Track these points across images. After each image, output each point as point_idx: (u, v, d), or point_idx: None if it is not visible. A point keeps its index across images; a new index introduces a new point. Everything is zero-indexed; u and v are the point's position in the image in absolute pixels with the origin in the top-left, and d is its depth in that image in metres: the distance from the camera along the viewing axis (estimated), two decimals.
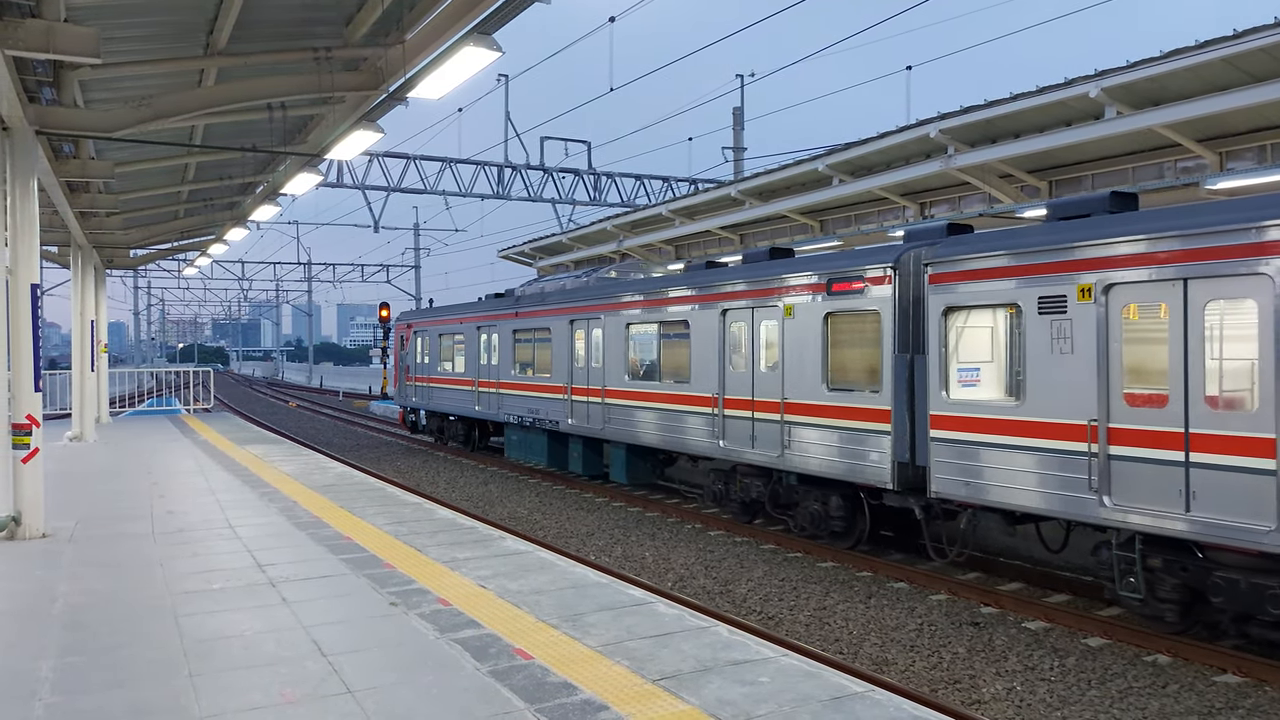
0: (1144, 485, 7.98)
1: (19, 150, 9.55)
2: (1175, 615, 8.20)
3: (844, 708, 4.94)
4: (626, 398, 15.58)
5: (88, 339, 21.01)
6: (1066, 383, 8.64)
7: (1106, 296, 8.37)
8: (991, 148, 15.41)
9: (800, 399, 11.85)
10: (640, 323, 15.36)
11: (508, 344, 19.94)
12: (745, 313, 12.89)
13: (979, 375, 9.91)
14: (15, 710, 4.91)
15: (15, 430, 9.39)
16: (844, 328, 11.41)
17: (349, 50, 10.51)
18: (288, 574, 7.88)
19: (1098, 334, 8.41)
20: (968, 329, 9.94)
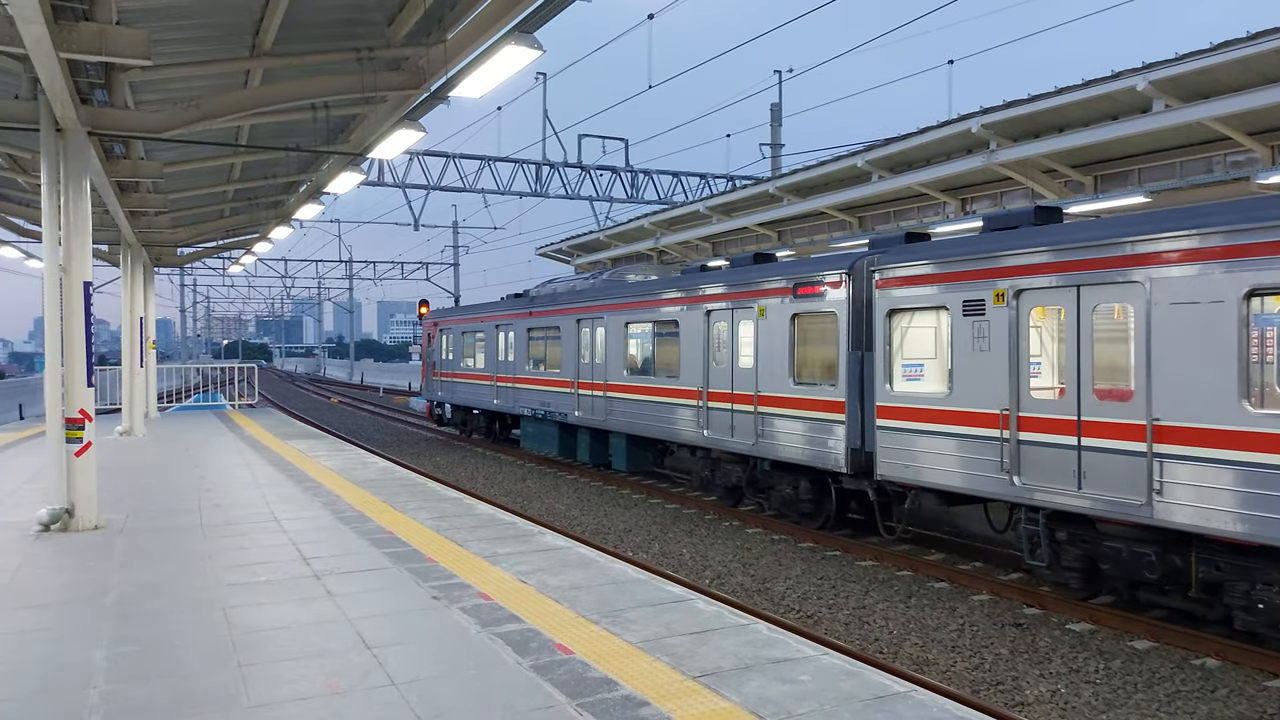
0: (1046, 466, 9.06)
1: (72, 151, 9.76)
2: (1079, 582, 9.27)
3: (886, 707, 4.92)
4: (626, 391, 16.73)
5: (137, 336, 21.46)
6: (985, 376, 9.72)
7: (1017, 301, 9.44)
8: (1035, 142, 15.20)
9: (771, 392, 12.95)
10: (637, 322, 16.57)
11: (523, 341, 21.18)
12: (726, 313, 14.00)
13: (918, 370, 10.99)
14: (71, 698, 5.04)
15: (69, 425, 9.62)
16: (807, 328, 12.56)
17: (391, 50, 10.63)
18: (332, 567, 8.00)
19: (1009, 334, 9.49)
20: (909, 329, 11.03)
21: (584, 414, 18.22)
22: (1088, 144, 14.26)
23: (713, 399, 14.20)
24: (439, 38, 9.91)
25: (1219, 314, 7.64)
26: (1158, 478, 8.03)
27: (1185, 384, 7.90)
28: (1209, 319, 7.71)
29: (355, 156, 14.14)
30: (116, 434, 19.48)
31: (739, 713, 4.84)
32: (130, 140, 12.87)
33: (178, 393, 41.13)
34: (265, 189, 19.50)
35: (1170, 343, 8.02)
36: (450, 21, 9.62)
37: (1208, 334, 7.73)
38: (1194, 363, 7.82)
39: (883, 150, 18.27)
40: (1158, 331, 8.11)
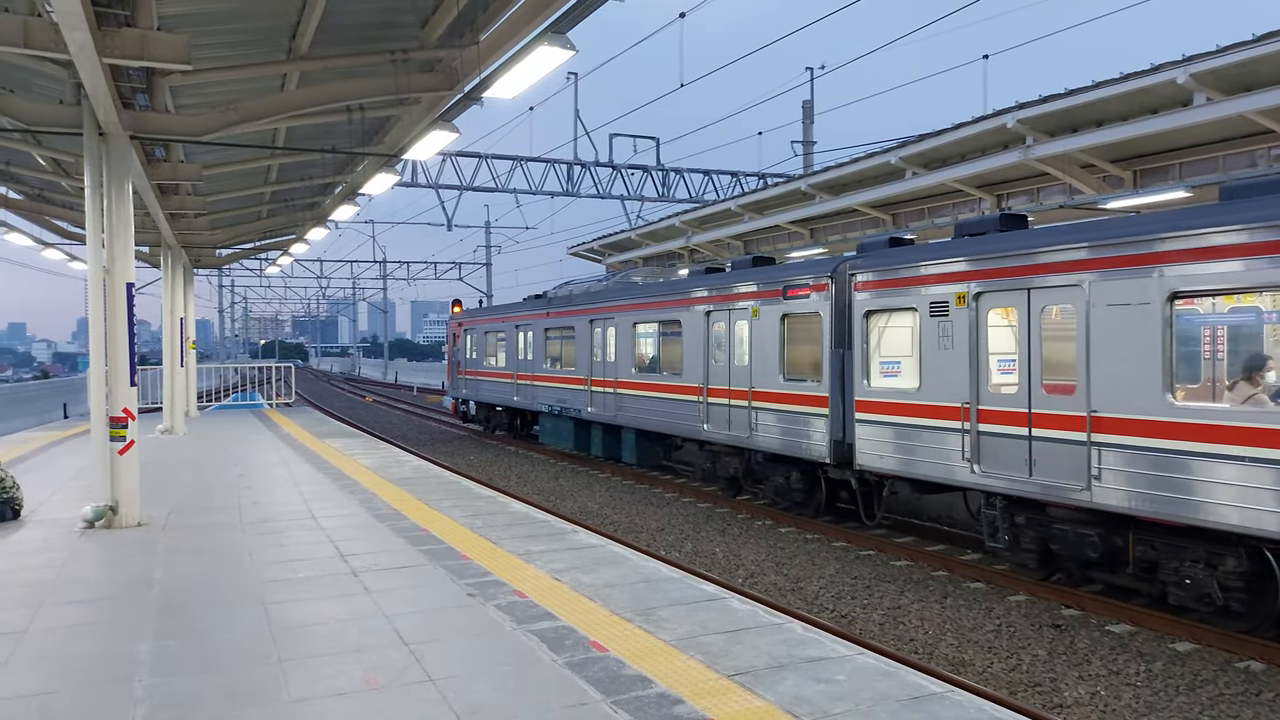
0: (1002, 455, 9.80)
1: (115, 155, 9.96)
2: (1035, 562, 9.95)
3: (922, 707, 4.88)
4: (634, 388, 17.60)
5: (177, 336, 21.83)
6: (949, 372, 10.47)
7: (977, 303, 10.18)
8: (1072, 137, 14.98)
9: (764, 388, 13.79)
10: (644, 322, 17.51)
11: (540, 341, 22.14)
12: (724, 314, 14.82)
13: (893, 367, 11.74)
14: (116, 690, 5.15)
15: (113, 423, 9.82)
16: (796, 327, 13.34)
17: (425, 52, 10.72)
18: (369, 564, 8.09)
19: (970, 333, 10.20)
20: (885, 329, 11.79)
21: (596, 410, 19.08)
22: (1127, 138, 14.03)
23: (712, 395, 15.05)
24: (472, 39, 9.99)
25: (1146, 315, 8.38)
26: (1095, 464, 8.78)
27: (1118, 378, 8.62)
28: (1138, 319, 8.45)
29: (390, 158, 14.28)
30: (158, 432, 19.83)
31: (774, 712, 4.84)
32: (170, 143, 13.10)
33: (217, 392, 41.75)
34: (301, 190, 19.75)
35: (1105, 341, 8.76)
36: (483, 23, 9.69)
37: (1137, 333, 8.45)
38: (1126, 359, 8.56)
39: (916, 146, 18.09)
40: (1095, 331, 8.86)
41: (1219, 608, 8.22)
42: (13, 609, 6.77)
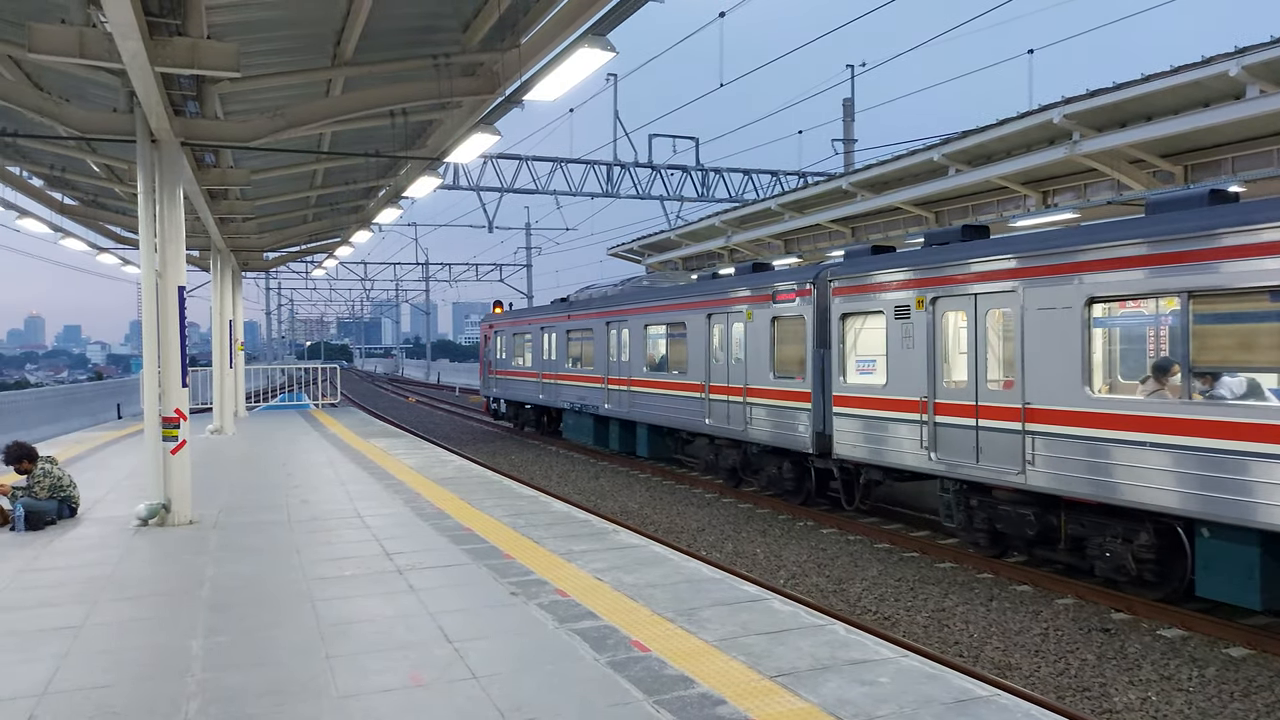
0: (955, 444, 10.91)
1: (167, 161, 10.19)
2: (986, 541, 11.02)
3: (968, 711, 4.83)
4: (646, 386, 18.82)
5: (226, 338, 22.27)
6: (911, 370, 11.57)
7: (934, 307, 11.26)
8: (1121, 132, 14.70)
9: (757, 385, 14.95)
10: (654, 324, 18.70)
11: (562, 342, 23.38)
12: (723, 317, 15.97)
13: (865, 365, 12.77)
14: (171, 684, 5.28)
15: (165, 423, 10.05)
16: (784, 329, 14.47)
17: (466, 56, 10.83)
18: (414, 562, 8.19)
19: (928, 334, 11.32)
20: (859, 330, 12.87)
21: (613, 406, 20.34)
22: (1177, 133, 13.73)
23: (713, 391, 16.22)
24: (513, 42, 10.06)
25: (1068, 318, 9.48)
26: (1029, 451, 9.86)
27: (1047, 373, 9.70)
28: (1062, 322, 9.55)
29: (432, 161, 14.44)
30: (208, 432, 20.24)
31: (817, 713, 4.82)
32: (220, 149, 13.37)
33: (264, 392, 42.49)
34: (346, 194, 20.04)
35: (1036, 340, 9.83)
36: (524, 26, 9.76)
37: (1061, 333, 9.55)
38: (1053, 356, 9.63)
39: (960, 143, 17.87)
40: (1028, 332, 9.94)
41: (1134, 578, 9.27)
42: (71, 604, 6.96)
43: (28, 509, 9.88)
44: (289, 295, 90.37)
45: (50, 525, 10.01)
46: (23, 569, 8.13)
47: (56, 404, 26.74)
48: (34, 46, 7.83)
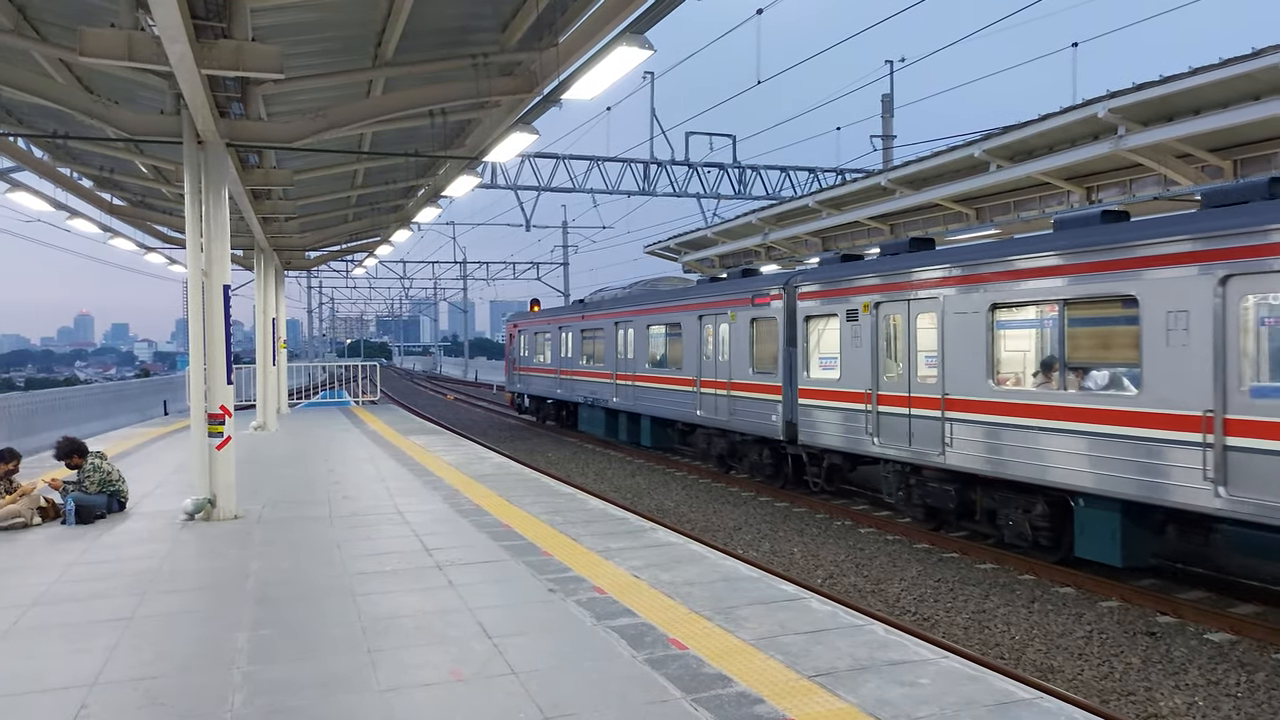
0: (893, 430, 12.53)
1: (212, 162, 10.37)
2: (922, 515, 12.59)
3: (1010, 714, 4.78)
4: (648, 381, 20.53)
5: (269, 336, 22.62)
6: (859, 365, 13.23)
7: (877, 310, 12.93)
8: (1167, 126, 14.41)
9: (739, 379, 16.55)
10: (655, 324, 20.37)
11: (578, 341, 25.20)
12: (712, 318, 17.60)
13: (825, 362, 14.32)
14: (217, 676, 5.38)
15: (210, 420, 10.23)
16: (761, 329, 16.05)
17: (505, 55, 10.88)
18: (453, 558, 8.27)
19: (872, 334, 12.99)
20: (822, 330, 14.46)
21: (620, 400, 22.06)
22: (1226, 126, 13.43)
23: (704, 386, 17.84)
24: (550, 41, 10.09)
25: (977, 321, 11.12)
26: (948, 435, 11.48)
27: (961, 368, 11.33)
28: (972, 324, 11.19)
29: (471, 160, 14.54)
30: (251, 429, 20.57)
31: (856, 714, 4.79)
32: (263, 150, 13.57)
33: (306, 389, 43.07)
34: (386, 194, 20.24)
35: (953, 340, 11.46)
36: (561, 25, 9.78)
37: (971, 334, 11.19)
38: (965, 353, 11.29)
39: (1001, 138, 17.61)
40: (947, 333, 11.56)
41: (1033, 543, 10.79)
42: (120, 596, 7.12)
43: (78, 503, 10.12)
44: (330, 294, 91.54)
45: (100, 519, 10.24)
46: (74, 562, 8.33)
47: (106, 400, 27.33)
48: (85, 50, 8.00)
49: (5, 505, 9.88)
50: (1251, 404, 8.11)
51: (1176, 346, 8.79)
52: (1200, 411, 8.49)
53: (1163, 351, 8.91)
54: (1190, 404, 8.60)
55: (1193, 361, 8.62)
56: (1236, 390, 8.27)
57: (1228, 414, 8.29)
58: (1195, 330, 8.62)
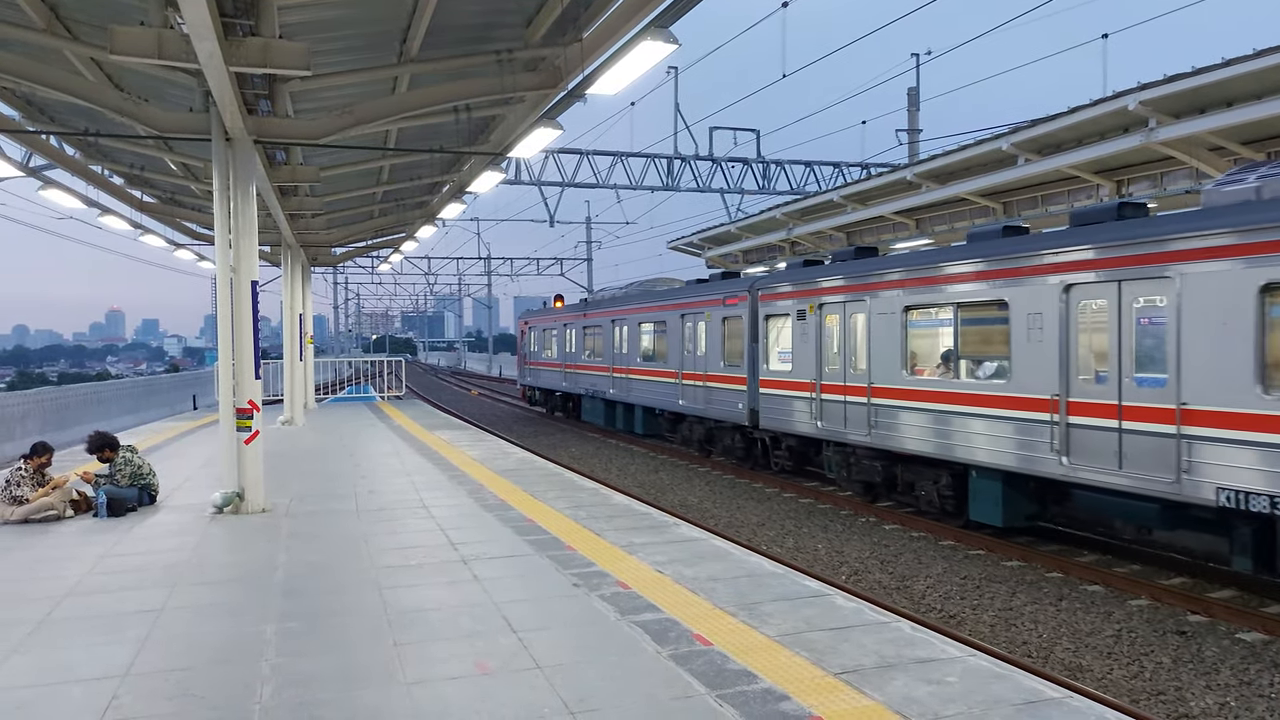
0: (832, 415, 14.48)
1: (240, 159, 10.46)
2: (860, 490, 14.63)
3: (1039, 713, 4.73)
4: (640, 374, 22.51)
5: (296, 331, 22.81)
6: (807, 359, 15.14)
7: (820, 311, 14.84)
8: (1200, 118, 14.20)
9: (713, 372, 18.51)
10: (645, 322, 22.51)
11: (580, 337, 27.26)
12: (692, 317, 19.59)
13: (781, 356, 16.15)
14: (246, 668, 5.44)
15: (239, 414, 10.33)
16: (730, 327, 18.02)
17: (529, 51, 10.89)
18: (478, 553, 8.31)
19: (816, 332, 14.91)
20: (778, 329, 16.38)
21: (616, 392, 24.11)
22: (1260, 119, 13.20)
23: (685, 378, 19.83)
24: (575, 37, 10.09)
25: (894, 320, 13.07)
26: (873, 418, 13.43)
27: (883, 361, 13.26)
28: (891, 323, 13.17)
29: (496, 156, 14.57)
30: (279, 423, 20.77)
31: (883, 712, 4.76)
32: (290, 147, 13.66)
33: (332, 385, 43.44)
34: (411, 190, 20.34)
35: (878, 337, 13.36)
36: (586, 20, 9.77)
37: (890, 332, 13.12)
38: (886, 348, 13.21)
39: (1030, 132, 17.42)
40: (873, 331, 13.47)
41: (941, 510, 12.67)
42: (151, 589, 7.22)
43: (110, 496, 10.26)
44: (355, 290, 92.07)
45: (131, 512, 10.38)
46: (105, 554, 8.45)
47: (136, 395, 27.70)
48: (115, 48, 8.10)
49: (38, 498, 10.04)
50: (1085, 389, 10.09)
51: (1034, 342, 10.71)
52: (1049, 395, 10.49)
53: (1025, 346, 10.86)
54: (1044, 389, 10.55)
55: (1046, 355, 10.55)
56: (1076, 379, 10.17)
57: (1070, 398, 10.25)
58: (1047, 329, 10.54)
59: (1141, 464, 9.34)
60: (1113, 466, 9.65)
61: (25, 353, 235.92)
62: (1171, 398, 9.05)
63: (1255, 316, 8.37)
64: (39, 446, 10.51)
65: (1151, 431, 9.28)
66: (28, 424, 19.23)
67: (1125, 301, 9.67)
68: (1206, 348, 8.75)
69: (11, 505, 9.95)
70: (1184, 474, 8.88)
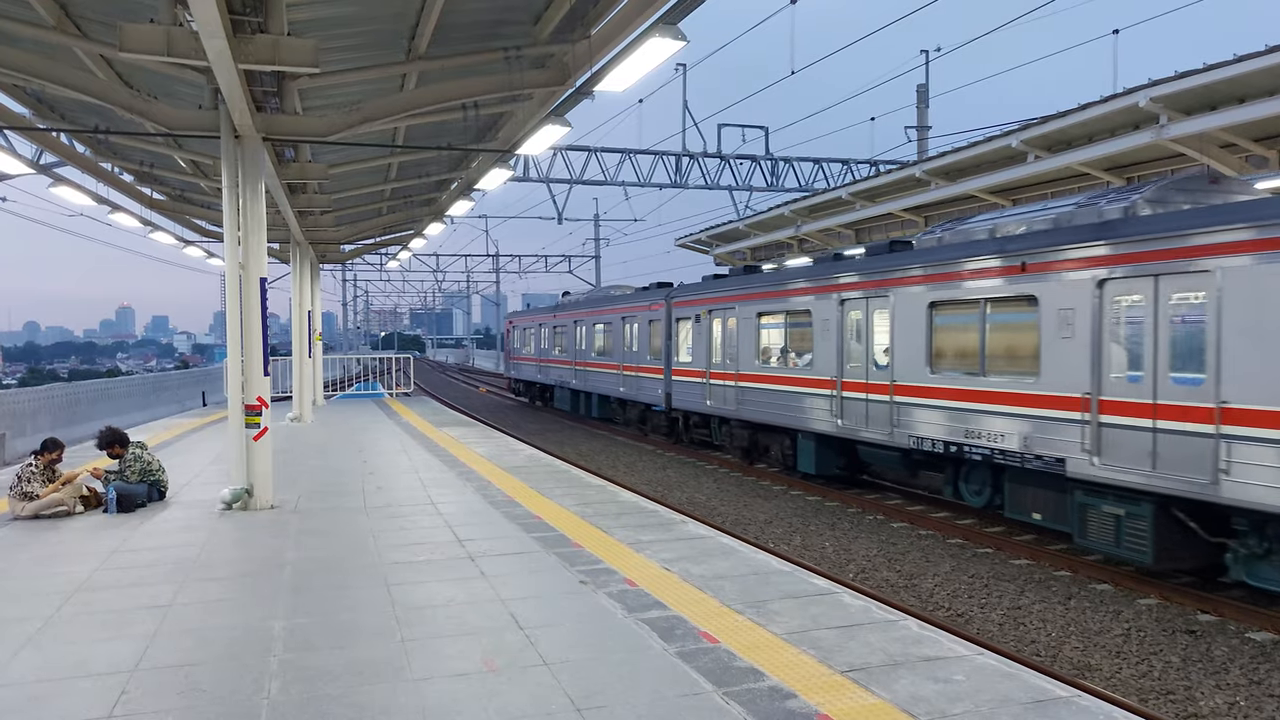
0: (719, 396, 18.57)
1: (249, 156, 10.48)
2: (740, 455, 18.47)
3: (1047, 712, 4.72)
4: (594, 367, 27.03)
5: (305, 328, 22.86)
6: (700, 353, 19.41)
7: (709, 315, 18.98)
8: (1211, 115, 14.12)
9: (644, 364, 22.81)
10: (598, 323, 26.69)
11: (551, 334, 31.68)
12: (630, 320, 23.86)
13: (688, 351, 20.23)
14: (254, 663, 5.46)
15: (248, 411, 10.36)
16: (654, 328, 22.22)
17: (537, 48, 10.88)
18: (485, 549, 8.32)
19: (706, 332, 19.07)
20: (686, 330, 20.38)
21: (578, 382, 28.61)
22: (1272, 115, 13.12)
23: (624, 369, 24.18)
24: (583, 34, 10.08)
25: (752, 323, 17.32)
26: (740, 399, 17.59)
27: (745, 354, 17.52)
28: (750, 325, 17.42)
29: (504, 154, 14.57)
30: (288, 420, 20.82)
31: (890, 710, 4.76)
32: (299, 144, 13.69)
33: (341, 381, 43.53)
34: (419, 187, 20.36)
35: (742, 336, 17.64)
36: (594, 17, 9.76)
37: (750, 332, 17.46)
38: (747, 344, 17.50)
39: (1039, 128, 17.34)
40: (741, 331, 17.72)
41: (784, 465, 16.68)
42: (160, 584, 7.25)
43: (119, 492, 10.31)
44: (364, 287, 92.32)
45: (140, 508, 10.43)
46: (115, 549, 8.49)
47: (146, 391, 27.80)
48: (125, 46, 8.12)
49: (49, 494, 10.09)
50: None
51: (827, 342, 14.83)
52: (830, 377, 14.73)
53: (821, 344, 14.99)
54: (827, 373, 14.80)
55: (831, 352, 14.65)
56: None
57: (843, 378, 14.47)
58: (834, 332, 14.67)
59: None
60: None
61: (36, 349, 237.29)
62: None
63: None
64: (50, 442, 10.56)
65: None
66: (39, 420, 19.33)
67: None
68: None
69: (22, 501, 10.00)
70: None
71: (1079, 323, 9.98)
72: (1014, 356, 11.18)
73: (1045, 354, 10.43)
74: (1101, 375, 9.73)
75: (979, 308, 11.57)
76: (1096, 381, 9.77)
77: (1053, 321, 10.31)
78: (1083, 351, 9.92)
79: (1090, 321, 9.84)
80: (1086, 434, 9.85)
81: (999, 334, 11.45)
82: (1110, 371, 9.67)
